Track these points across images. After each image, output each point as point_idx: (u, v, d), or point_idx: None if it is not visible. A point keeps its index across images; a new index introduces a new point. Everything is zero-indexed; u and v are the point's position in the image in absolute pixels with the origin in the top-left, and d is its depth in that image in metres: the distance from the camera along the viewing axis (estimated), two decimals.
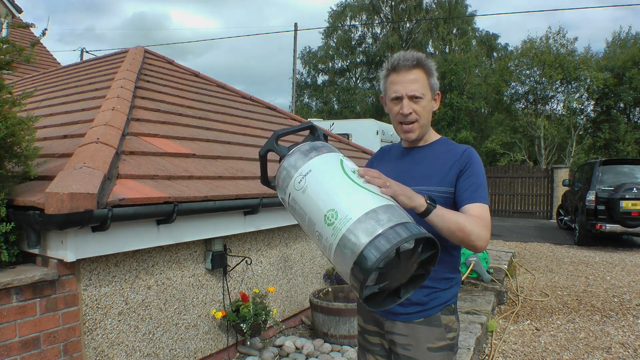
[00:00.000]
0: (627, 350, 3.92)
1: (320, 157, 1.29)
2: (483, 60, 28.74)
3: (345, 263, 1.11)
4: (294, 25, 21.73)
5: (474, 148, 1.71)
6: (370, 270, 1.06)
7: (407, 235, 1.09)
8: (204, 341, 3.13)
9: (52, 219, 1.98)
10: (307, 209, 1.22)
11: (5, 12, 9.48)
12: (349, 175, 1.23)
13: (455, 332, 1.58)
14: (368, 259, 1.06)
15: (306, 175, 1.25)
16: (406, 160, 1.66)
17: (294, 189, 1.27)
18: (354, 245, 1.09)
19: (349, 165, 1.28)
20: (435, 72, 1.61)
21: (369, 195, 1.18)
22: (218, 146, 3.96)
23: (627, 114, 22.04)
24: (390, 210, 1.15)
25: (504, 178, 15.03)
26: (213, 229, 3.01)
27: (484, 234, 1.41)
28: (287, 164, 1.33)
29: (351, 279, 1.12)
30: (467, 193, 1.49)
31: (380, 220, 1.10)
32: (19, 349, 2.10)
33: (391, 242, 1.07)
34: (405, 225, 1.12)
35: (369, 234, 1.08)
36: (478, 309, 4.42)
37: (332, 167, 1.25)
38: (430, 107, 1.60)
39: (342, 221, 1.12)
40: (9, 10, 9.61)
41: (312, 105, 34.49)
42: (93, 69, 5.68)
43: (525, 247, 9.03)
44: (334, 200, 1.17)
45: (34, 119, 2.45)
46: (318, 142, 1.38)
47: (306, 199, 1.23)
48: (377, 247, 1.07)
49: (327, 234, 1.15)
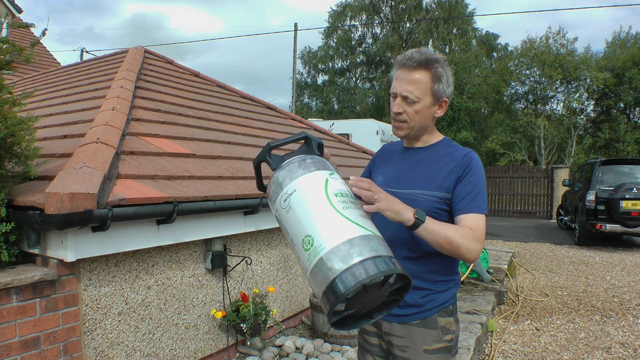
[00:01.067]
0: (627, 350, 3.93)
1: (306, 176, 1.31)
2: (483, 60, 28.73)
3: (317, 287, 1.18)
4: (294, 25, 21.75)
5: (474, 148, 1.69)
6: (336, 302, 1.13)
7: (374, 273, 1.12)
8: (204, 341, 3.13)
9: (52, 219, 1.98)
10: (289, 229, 1.28)
11: (5, 12, 9.48)
12: (330, 200, 1.25)
13: (453, 334, 1.56)
14: (336, 290, 1.13)
15: (291, 195, 1.28)
16: (406, 161, 1.63)
17: (280, 206, 1.31)
18: (325, 275, 1.15)
19: (333, 187, 1.30)
20: (447, 78, 1.52)
21: (345, 224, 1.21)
22: (218, 146, 3.96)
23: (627, 114, 22.03)
24: (364, 241, 1.18)
25: (504, 178, 15.02)
26: (213, 229, 3.01)
27: (474, 247, 1.40)
28: (276, 179, 1.35)
29: (323, 302, 1.18)
30: (463, 202, 1.47)
31: (352, 254, 1.14)
32: (19, 349, 2.10)
33: (357, 278, 1.11)
34: (375, 260, 1.15)
35: (339, 265, 1.14)
36: (478, 308, 4.42)
37: (315, 190, 1.28)
38: (429, 112, 1.53)
39: (316, 249, 1.18)
40: (9, 10, 9.61)
41: (312, 105, 34.52)
42: (93, 69, 5.68)
43: (525, 247, 9.03)
44: (312, 226, 1.21)
45: (34, 119, 2.45)
46: (308, 158, 1.38)
47: (289, 219, 1.27)
48: (344, 282, 1.12)
49: (303, 257, 1.21)
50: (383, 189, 1.59)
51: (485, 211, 1.48)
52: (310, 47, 33.88)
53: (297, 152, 1.42)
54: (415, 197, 1.51)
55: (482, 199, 1.48)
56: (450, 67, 1.57)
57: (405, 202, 1.50)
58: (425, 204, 1.49)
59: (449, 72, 1.54)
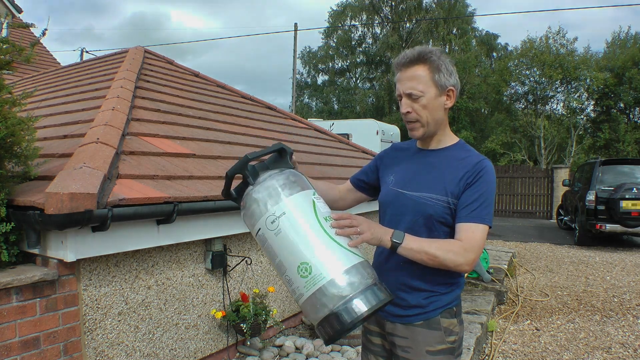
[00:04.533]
0: (627, 350, 3.93)
1: (294, 198, 1.31)
2: (483, 60, 28.72)
3: (314, 314, 1.25)
4: (294, 25, 21.75)
5: (474, 148, 1.67)
6: (343, 331, 1.22)
7: (376, 302, 1.23)
8: (204, 341, 3.13)
9: (52, 219, 1.98)
10: (279, 252, 1.28)
11: (5, 12, 9.47)
12: (323, 226, 1.28)
13: (457, 336, 1.55)
14: (341, 319, 1.21)
15: (280, 217, 1.28)
16: (418, 163, 1.60)
17: (265, 228, 1.30)
18: (325, 304, 1.22)
19: (321, 210, 1.32)
20: (445, 66, 1.49)
21: (340, 252, 1.26)
22: (218, 146, 3.96)
23: (627, 114, 22.04)
24: (360, 269, 1.26)
25: (504, 178, 15.01)
26: (213, 229, 3.01)
27: (461, 260, 1.38)
28: (257, 196, 1.33)
29: (322, 328, 1.25)
30: (465, 210, 1.45)
31: (353, 284, 1.22)
32: (19, 349, 2.10)
33: (361, 310, 1.21)
34: (373, 289, 1.24)
35: (343, 295, 1.21)
36: (478, 308, 4.42)
37: (306, 214, 1.30)
38: (437, 104, 1.50)
39: (315, 278, 1.22)
40: (9, 10, 9.61)
41: (312, 105, 34.52)
42: (93, 69, 5.68)
43: (525, 247, 9.03)
44: (309, 254, 1.24)
45: (34, 119, 2.44)
46: (291, 175, 1.37)
47: (280, 243, 1.28)
48: (349, 312, 1.20)
49: (298, 283, 1.25)
50: (393, 189, 1.60)
51: (487, 222, 1.45)
52: (310, 47, 33.90)
53: (271, 162, 1.42)
54: (426, 200, 1.50)
55: (486, 210, 1.45)
56: (447, 57, 1.53)
57: (415, 205, 1.52)
58: (435, 208, 1.48)
59: (448, 61, 1.51)
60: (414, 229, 1.49)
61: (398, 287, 1.54)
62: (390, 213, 1.60)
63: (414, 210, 1.52)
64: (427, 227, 1.50)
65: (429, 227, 1.50)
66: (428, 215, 1.49)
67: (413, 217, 1.52)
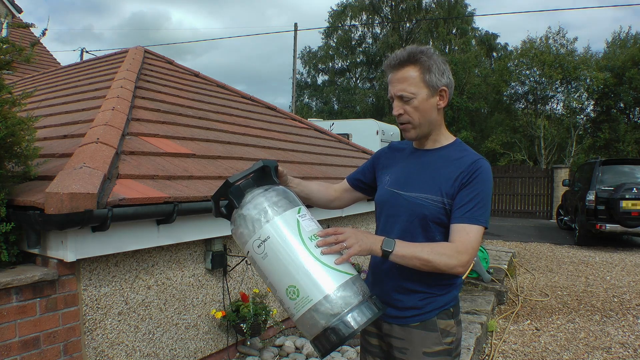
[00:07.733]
0: (627, 350, 3.93)
1: (277, 220, 1.32)
2: (483, 60, 28.72)
3: (307, 332, 1.30)
4: (294, 25, 21.71)
5: (474, 148, 1.67)
6: (332, 349, 1.26)
7: (365, 320, 1.26)
8: (204, 341, 3.13)
9: (52, 219, 1.98)
10: (267, 274, 1.32)
11: (5, 12, 9.47)
12: (307, 248, 1.30)
13: (454, 337, 1.54)
14: (330, 339, 1.25)
15: (265, 241, 1.31)
16: (414, 163, 1.59)
17: (253, 251, 1.34)
18: (316, 324, 1.26)
19: (306, 229, 1.33)
20: (437, 66, 1.47)
21: (326, 272, 1.28)
22: (218, 146, 3.96)
23: (627, 114, 22.04)
24: (347, 288, 1.28)
25: (504, 178, 15.01)
26: (213, 229, 3.01)
27: (454, 262, 1.36)
28: (243, 219, 1.37)
29: (317, 343, 1.29)
30: (459, 211, 1.42)
31: (340, 305, 1.25)
32: (19, 349, 2.10)
33: (349, 329, 1.24)
34: (361, 307, 1.27)
35: (329, 317, 1.25)
36: (478, 308, 4.42)
37: (291, 237, 1.31)
38: (429, 105, 1.48)
39: (303, 300, 1.26)
40: (9, 10, 9.61)
41: (312, 105, 34.53)
42: (93, 69, 5.68)
43: (525, 247, 9.03)
44: (296, 277, 1.27)
45: (34, 119, 2.44)
46: (274, 195, 1.38)
47: (267, 266, 1.31)
48: (337, 333, 1.24)
49: (289, 304, 1.29)
50: (389, 190, 1.59)
51: (482, 223, 1.42)
52: (310, 47, 33.93)
53: (256, 180, 1.43)
54: (421, 201, 1.49)
55: (482, 210, 1.42)
56: (439, 56, 1.51)
57: (410, 205, 1.51)
58: (430, 208, 1.47)
59: (439, 60, 1.49)
60: (410, 230, 1.49)
61: (394, 288, 1.54)
62: (386, 213, 1.59)
63: (410, 211, 1.51)
64: (423, 227, 1.49)
65: (424, 228, 1.49)
66: (423, 216, 1.48)
67: (408, 217, 1.51)
